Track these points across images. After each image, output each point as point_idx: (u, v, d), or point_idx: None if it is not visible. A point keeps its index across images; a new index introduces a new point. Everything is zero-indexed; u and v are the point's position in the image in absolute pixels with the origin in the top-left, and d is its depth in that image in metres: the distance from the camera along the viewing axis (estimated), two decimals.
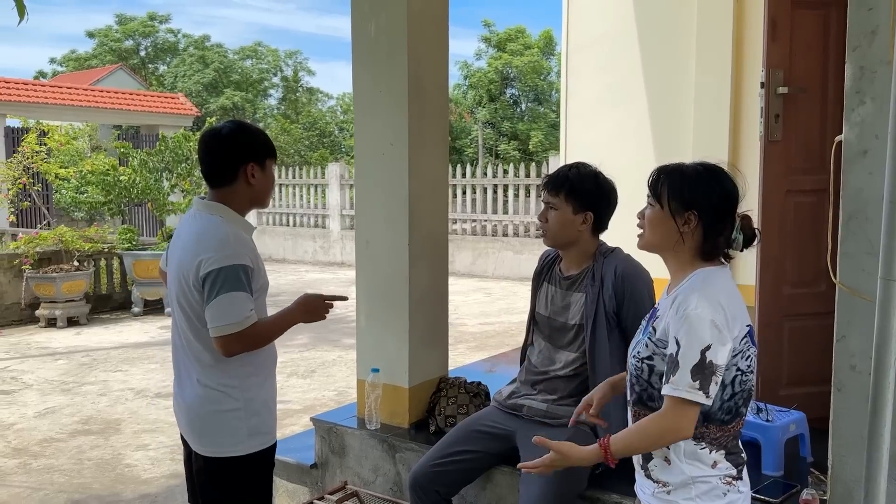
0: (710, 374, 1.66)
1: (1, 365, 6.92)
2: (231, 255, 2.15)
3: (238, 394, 2.26)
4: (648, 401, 1.84)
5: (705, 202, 1.82)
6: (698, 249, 1.85)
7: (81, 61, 37.06)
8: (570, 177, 2.63)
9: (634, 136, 6.60)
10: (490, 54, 33.80)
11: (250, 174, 2.27)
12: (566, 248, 2.69)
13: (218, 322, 2.11)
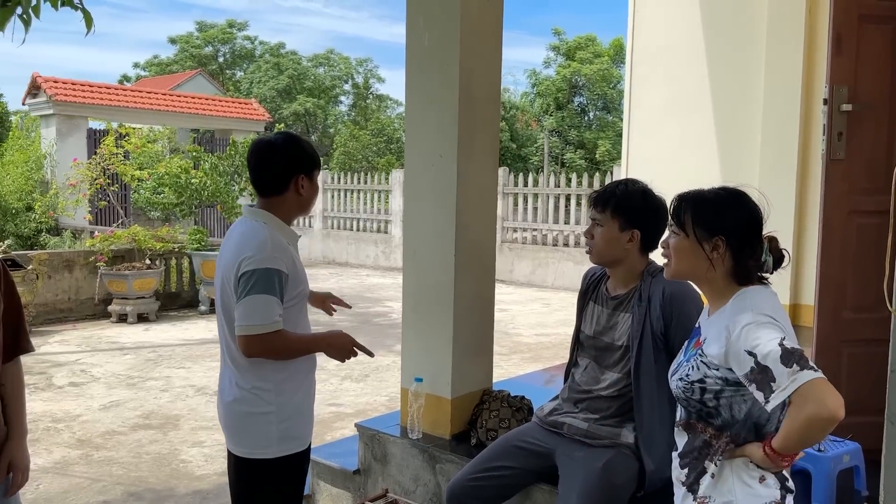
0: (800, 355, 1.63)
1: (73, 357, 7.25)
2: (267, 258, 2.20)
3: (271, 397, 2.31)
4: (709, 418, 1.84)
5: (731, 226, 1.83)
6: (731, 274, 1.86)
7: (163, 66, 38.59)
8: (618, 193, 2.59)
9: (698, 149, 6.45)
10: (559, 62, 33.61)
11: (301, 185, 2.34)
12: (613, 266, 2.64)
13: (243, 321, 2.17)
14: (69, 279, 9.17)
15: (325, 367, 6.80)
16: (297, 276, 2.31)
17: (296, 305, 2.34)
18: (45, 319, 8.83)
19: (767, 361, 1.64)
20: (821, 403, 1.60)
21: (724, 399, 1.81)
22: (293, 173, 2.33)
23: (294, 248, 2.39)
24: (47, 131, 14.04)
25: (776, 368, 1.63)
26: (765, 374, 1.65)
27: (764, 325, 1.70)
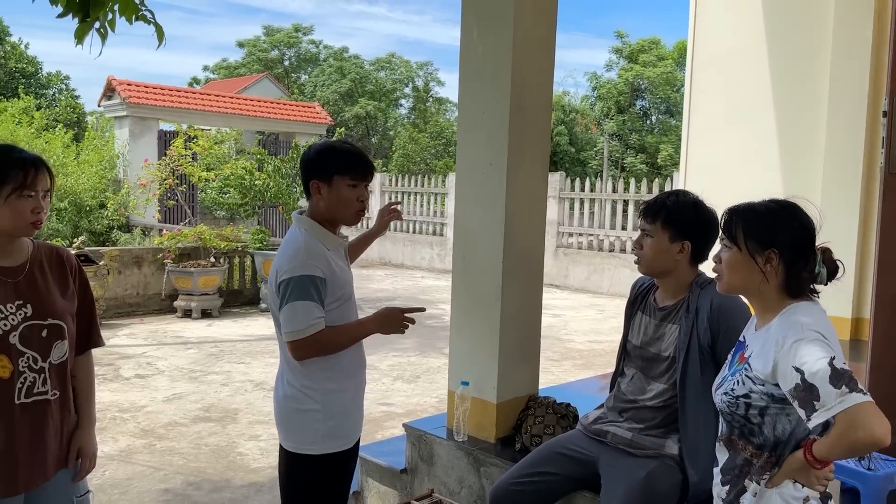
0: (850, 377, 1.63)
1: (140, 350, 7.57)
2: (299, 266, 2.29)
3: (318, 396, 2.40)
4: (750, 436, 1.85)
5: (784, 239, 1.82)
6: (784, 287, 1.84)
7: (231, 69, 39.68)
8: (668, 204, 2.59)
9: (759, 158, 6.34)
10: (621, 65, 33.21)
11: (318, 190, 2.40)
12: (662, 276, 2.65)
13: (286, 328, 2.28)
14: (138, 275, 9.56)
15: (377, 368, 6.93)
16: (336, 279, 2.37)
17: (340, 307, 2.41)
18: (114, 313, 9.23)
19: (815, 380, 1.64)
20: (868, 428, 1.59)
21: (768, 416, 1.81)
22: (309, 178, 2.41)
23: (336, 253, 2.44)
24: (120, 132, 14.66)
25: (823, 388, 1.62)
26: (810, 393, 1.64)
27: (813, 342, 1.69)
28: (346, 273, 2.49)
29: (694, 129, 6.87)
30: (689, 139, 6.89)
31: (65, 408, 2.21)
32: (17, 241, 2.14)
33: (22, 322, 2.07)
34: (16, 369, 2.06)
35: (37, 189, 2.07)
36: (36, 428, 2.12)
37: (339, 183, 2.39)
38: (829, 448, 1.69)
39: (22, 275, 2.12)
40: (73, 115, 24.01)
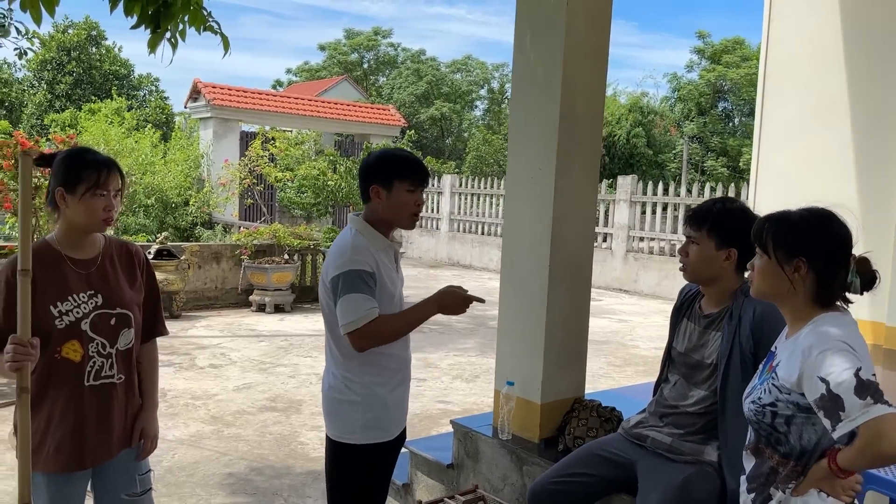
0: (875, 389, 1.64)
1: (215, 342, 7.94)
2: (347, 261, 2.41)
3: (358, 389, 2.51)
4: (776, 444, 1.87)
5: (813, 248, 1.82)
6: (813, 296, 1.84)
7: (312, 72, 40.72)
8: (715, 211, 2.59)
9: (835, 164, 6.14)
10: (703, 66, 32.35)
11: (377, 194, 2.52)
12: (707, 284, 2.65)
13: (342, 321, 2.40)
14: (217, 270, 10.01)
15: (437, 366, 7.06)
16: (381, 276, 2.47)
17: (382, 307, 2.47)
18: (193, 305, 9.69)
19: (840, 390, 1.65)
20: (892, 440, 1.60)
21: (794, 426, 1.82)
22: (370, 183, 2.53)
23: (385, 254, 2.54)
24: (205, 133, 15.32)
25: (848, 399, 1.63)
26: (835, 403, 1.65)
27: (840, 353, 1.69)
28: (394, 274, 2.58)
29: (766, 134, 6.71)
30: (760, 144, 6.73)
31: (130, 391, 2.40)
32: (90, 236, 2.34)
33: (93, 310, 2.27)
34: (86, 354, 2.26)
35: (108, 189, 2.27)
36: (103, 409, 2.31)
37: (399, 188, 2.51)
38: (852, 458, 1.69)
39: (94, 267, 2.32)
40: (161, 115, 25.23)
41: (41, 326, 2.17)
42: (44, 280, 2.20)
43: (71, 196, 2.22)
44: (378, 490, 2.65)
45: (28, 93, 25.85)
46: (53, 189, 2.25)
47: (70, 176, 2.23)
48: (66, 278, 2.25)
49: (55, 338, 2.21)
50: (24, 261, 2.06)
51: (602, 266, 13.59)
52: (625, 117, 30.48)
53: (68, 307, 2.23)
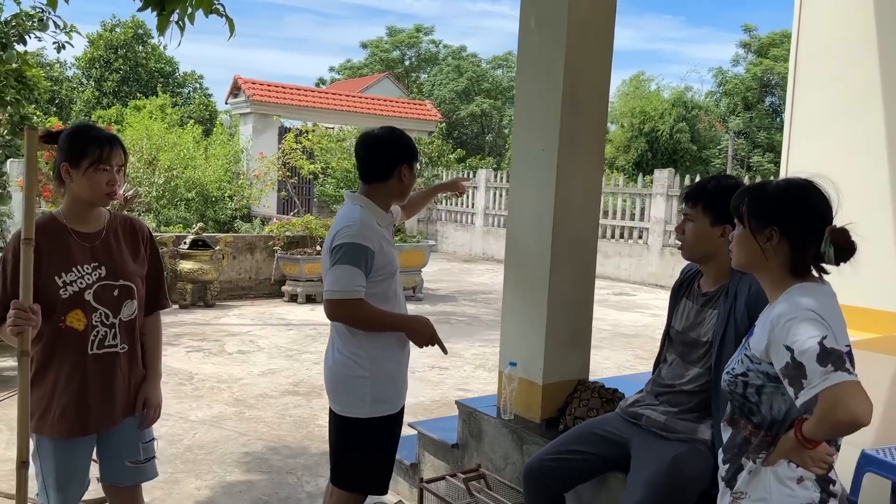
0: (838, 356, 1.63)
1: (245, 329, 8.10)
2: (355, 234, 2.49)
3: (367, 364, 2.59)
4: (749, 414, 1.86)
5: (786, 217, 1.81)
6: (787, 266, 1.84)
7: (354, 70, 41.08)
8: (709, 188, 2.59)
9: (868, 152, 6.00)
10: (749, 60, 31.68)
11: (403, 173, 2.62)
12: (704, 262, 2.65)
13: (328, 287, 2.48)
14: (250, 260, 10.21)
15: (461, 356, 7.10)
16: (383, 254, 2.57)
17: (383, 281, 2.60)
18: (228, 295, 9.90)
19: (803, 358, 1.64)
20: (847, 408, 1.59)
21: (765, 396, 1.82)
22: (397, 163, 2.61)
23: (386, 230, 2.65)
24: (245, 128, 15.59)
25: (810, 366, 1.63)
26: (798, 371, 1.65)
27: (807, 321, 1.69)
28: (393, 249, 2.67)
29: (797, 125, 6.58)
30: (790, 135, 6.61)
31: (133, 361, 2.49)
32: (95, 210, 2.44)
33: (96, 282, 2.36)
34: (89, 323, 2.35)
35: (111, 164, 2.35)
36: (106, 377, 2.40)
37: (415, 167, 2.70)
38: (813, 427, 1.68)
39: (98, 240, 2.41)
40: (205, 112, 25.79)
41: (47, 296, 2.28)
42: (49, 251, 2.30)
43: (75, 171, 2.31)
44: (383, 460, 2.71)
45: (77, 90, 26.72)
46: (59, 164, 2.34)
47: (74, 151, 2.31)
48: (70, 250, 2.34)
49: (60, 307, 2.30)
50: (27, 230, 2.16)
51: (638, 261, 13.45)
52: (668, 112, 30.01)
53: (72, 278, 2.33)
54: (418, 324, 2.63)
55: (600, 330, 8.92)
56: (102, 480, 2.54)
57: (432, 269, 13.44)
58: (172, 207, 12.40)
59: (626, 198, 14.15)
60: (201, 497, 3.85)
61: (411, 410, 5.40)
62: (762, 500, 1.80)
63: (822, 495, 1.77)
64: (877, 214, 5.83)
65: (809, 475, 1.77)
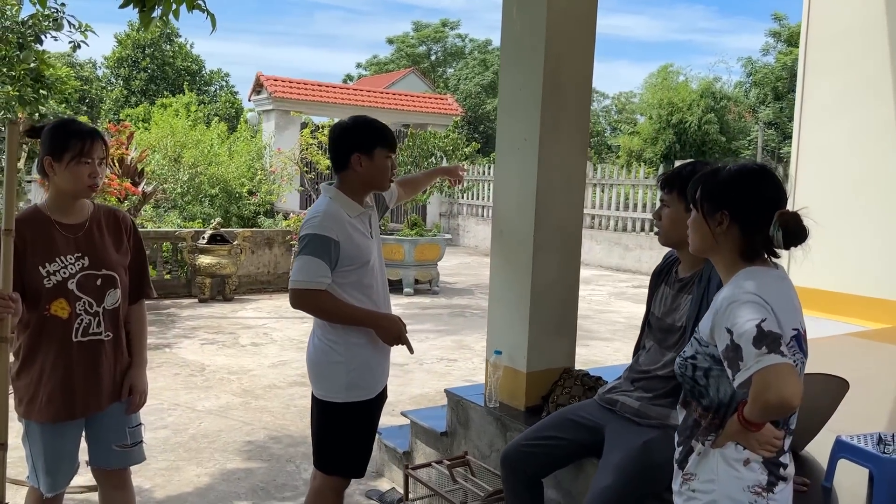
0: (774, 339, 1.63)
1: (260, 322, 8.23)
2: (317, 225, 2.53)
3: (342, 350, 2.63)
4: (699, 397, 1.88)
5: (736, 201, 1.81)
6: (738, 249, 1.84)
7: (381, 66, 41.25)
8: (684, 174, 2.56)
9: (879, 140, 5.88)
10: (779, 49, 31.11)
11: (360, 162, 2.63)
12: (680, 247, 2.63)
13: (293, 276, 2.54)
14: (269, 255, 10.35)
15: (471, 348, 7.13)
16: (351, 243, 2.59)
17: (356, 271, 2.63)
18: (247, 289, 10.05)
19: (741, 341, 1.65)
20: (776, 389, 1.59)
21: (712, 378, 1.83)
22: (351, 152, 2.62)
23: (359, 220, 2.66)
24: (267, 125, 15.80)
25: (746, 349, 1.64)
26: (736, 353, 1.66)
27: (748, 304, 1.69)
28: (367, 240, 2.67)
29: (807, 113, 6.47)
30: (801, 123, 6.50)
31: (118, 349, 2.57)
32: (79, 202, 2.51)
33: (79, 271, 2.43)
34: (73, 311, 2.43)
35: (93, 157, 2.43)
36: (91, 364, 2.48)
37: (379, 154, 2.65)
38: (749, 409, 1.68)
39: (81, 231, 2.48)
40: (231, 109, 26.14)
41: (32, 285, 2.36)
42: (33, 242, 2.38)
43: (58, 164, 2.38)
44: (360, 444, 2.75)
45: (106, 89, 27.25)
46: (42, 158, 2.42)
47: (56, 145, 2.39)
48: (53, 241, 2.42)
49: (44, 296, 2.38)
50: (7, 221, 2.25)
51: (659, 254, 13.24)
52: (696, 103, 29.62)
53: (55, 268, 2.40)
54: (386, 321, 2.65)
55: (615, 322, 8.89)
56: (91, 464, 2.62)
57: (452, 262, 13.48)
58: (197, 203, 12.61)
59: (646, 190, 14.03)
60: (201, 483, 3.93)
61: (415, 400, 5.46)
62: (710, 481, 1.82)
63: (770, 477, 1.77)
64: (885, 204, 5.72)
65: (756, 457, 1.77)
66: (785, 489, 1.80)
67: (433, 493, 3.20)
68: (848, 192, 5.78)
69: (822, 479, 2.57)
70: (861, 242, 5.79)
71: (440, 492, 3.14)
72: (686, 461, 1.89)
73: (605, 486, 2.45)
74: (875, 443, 2.47)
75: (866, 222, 5.83)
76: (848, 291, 5.85)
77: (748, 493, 1.76)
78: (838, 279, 5.81)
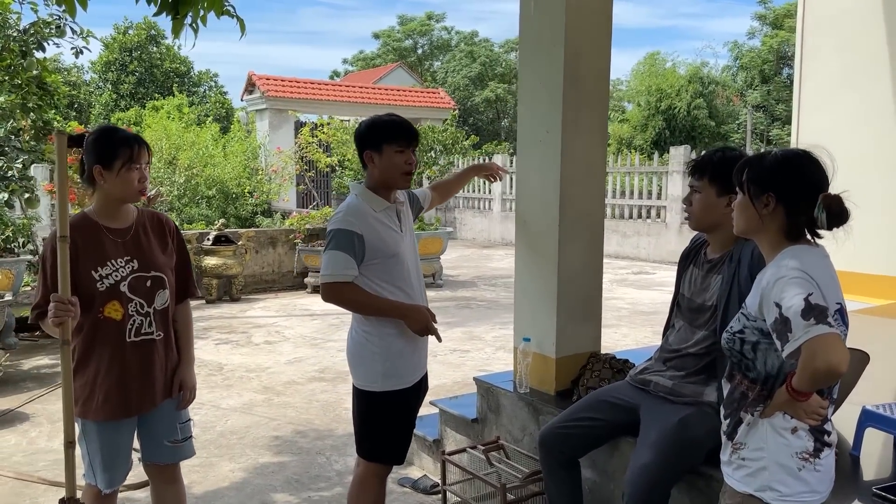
0: (821, 311, 1.73)
1: (271, 321, 8.30)
2: (340, 220, 2.64)
3: (377, 341, 2.72)
4: (746, 370, 1.97)
5: (781, 184, 1.90)
6: (783, 230, 1.93)
7: (367, 61, 41.15)
8: (715, 160, 2.65)
9: (877, 121, 6.01)
10: (765, 32, 31.30)
11: (371, 159, 2.72)
12: (711, 231, 2.71)
13: (322, 271, 2.64)
14: (273, 254, 10.41)
15: (482, 339, 7.24)
16: (376, 237, 2.67)
17: (381, 263, 2.70)
18: (252, 289, 10.11)
19: (790, 314, 1.75)
20: (823, 357, 1.69)
21: (760, 352, 1.92)
22: (363, 149, 2.73)
23: (385, 214, 2.73)
24: (261, 124, 15.78)
25: (795, 321, 1.74)
26: (785, 326, 1.76)
27: (795, 280, 1.79)
28: (393, 233, 2.75)
29: (806, 96, 6.60)
30: (800, 105, 6.63)
31: (168, 347, 2.66)
32: (125, 207, 2.59)
33: (130, 274, 2.52)
34: (126, 313, 2.51)
35: (141, 162, 2.50)
36: (145, 363, 2.57)
37: (388, 150, 2.71)
38: (798, 378, 1.79)
39: (129, 235, 2.57)
40: (221, 109, 26.07)
41: (85, 289, 2.44)
42: (85, 248, 2.46)
43: (108, 172, 2.46)
44: (399, 432, 2.84)
45: (95, 94, 27.11)
46: (90, 167, 2.48)
47: (106, 153, 2.46)
48: (104, 246, 2.50)
49: (98, 299, 2.47)
50: (62, 228, 2.32)
51: (657, 240, 13.48)
52: (685, 89, 29.77)
53: (108, 271, 2.48)
54: (413, 311, 2.72)
55: (619, 308, 9.01)
56: (144, 460, 2.71)
57: (452, 255, 13.58)
58: (194, 205, 12.63)
59: (642, 177, 14.16)
60: (236, 478, 4.02)
61: (433, 391, 5.54)
62: (759, 449, 1.92)
63: (817, 444, 1.88)
64: (887, 182, 5.86)
65: (803, 425, 1.88)
66: (829, 455, 1.91)
67: (471, 476, 3.30)
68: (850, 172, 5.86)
69: (850, 449, 2.68)
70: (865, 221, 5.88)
71: (479, 475, 3.24)
72: (735, 432, 1.99)
73: (644, 463, 2.55)
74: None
75: (869, 201, 5.93)
76: (853, 270, 5.97)
77: (796, 458, 1.87)
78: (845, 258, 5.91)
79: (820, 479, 1.88)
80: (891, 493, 2.33)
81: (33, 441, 4.57)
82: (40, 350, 6.91)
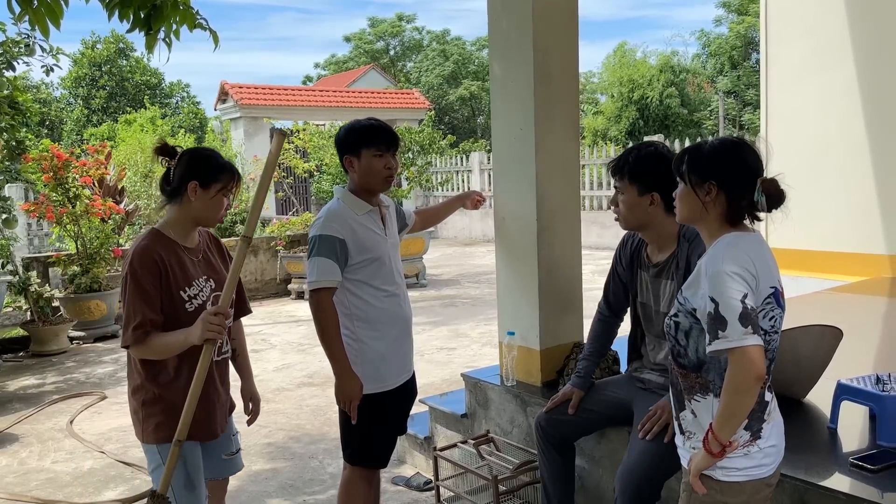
0: (754, 317, 1.80)
1: (256, 329, 8.31)
2: (321, 226, 2.65)
3: (355, 344, 2.73)
4: (678, 357, 2.00)
5: (722, 171, 1.96)
6: (724, 216, 1.98)
7: (339, 64, 41.09)
8: (631, 160, 2.64)
9: (842, 102, 6.15)
10: (731, 19, 31.68)
11: (350, 164, 2.74)
12: (642, 230, 2.71)
13: (308, 278, 2.67)
14: (255, 262, 10.40)
15: (468, 335, 7.30)
16: (358, 240, 2.68)
17: (367, 267, 2.72)
18: None
19: (727, 314, 1.79)
20: (758, 365, 1.77)
21: (692, 339, 1.95)
22: (342, 154, 2.75)
23: (368, 217, 2.74)
24: (236, 133, 15.76)
25: (732, 323, 1.78)
26: (718, 322, 1.80)
27: (733, 277, 1.83)
28: (376, 236, 2.75)
29: (773, 80, 6.72)
30: (768, 87, 6.75)
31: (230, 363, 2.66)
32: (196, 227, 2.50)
33: (211, 293, 2.46)
34: None
35: (232, 192, 2.46)
36: (223, 381, 2.57)
37: (367, 155, 2.71)
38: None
39: (201, 254, 2.50)
40: (195, 120, 25.92)
41: (173, 309, 2.36)
42: (171, 267, 2.37)
43: (204, 191, 2.38)
44: (380, 435, 2.85)
45: (66, 110, 26.85)
46: (186, 181, 2.39)
47: (208, 174, 2.39)
48: (185, 265, 2.42)
49: (185, 320, 2.35)
50: (248, 228, 2.25)
51: None
52: (656, 78, 30.07)
53: (194, 291, 2.41)
54: (345, 380, 2.70)
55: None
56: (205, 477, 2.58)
57: (434, 255, 13.63)
58: None
59: None
60: (231, 487, 3.99)
61: (423, 390, 5.56)
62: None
63: (754, 430, 1.91)
64: (855, 161, 5.99)
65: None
66: (770, 426, 1.93)
67: (463, 471, 3.36)
68: (818, 153, 6.03)
69: (828, 422, 2.77)
70: (835, 201, 6.06)
71: (470, 469, 3.30)
72: (680, 420, 2.02)
73: (635, 459, 2.54)
74: (873, 383, 2.69)
75: (838, 181, 6.10)
76: (826, 249, 6.12)
77: (739, 449, 1.89)
78: (816, 238, 6.07)
79: (766, 453, 1.91)
80: (868, 462, 2.42)
81: (24, 461, 4.57)
82: (25, 370, 6.88)
